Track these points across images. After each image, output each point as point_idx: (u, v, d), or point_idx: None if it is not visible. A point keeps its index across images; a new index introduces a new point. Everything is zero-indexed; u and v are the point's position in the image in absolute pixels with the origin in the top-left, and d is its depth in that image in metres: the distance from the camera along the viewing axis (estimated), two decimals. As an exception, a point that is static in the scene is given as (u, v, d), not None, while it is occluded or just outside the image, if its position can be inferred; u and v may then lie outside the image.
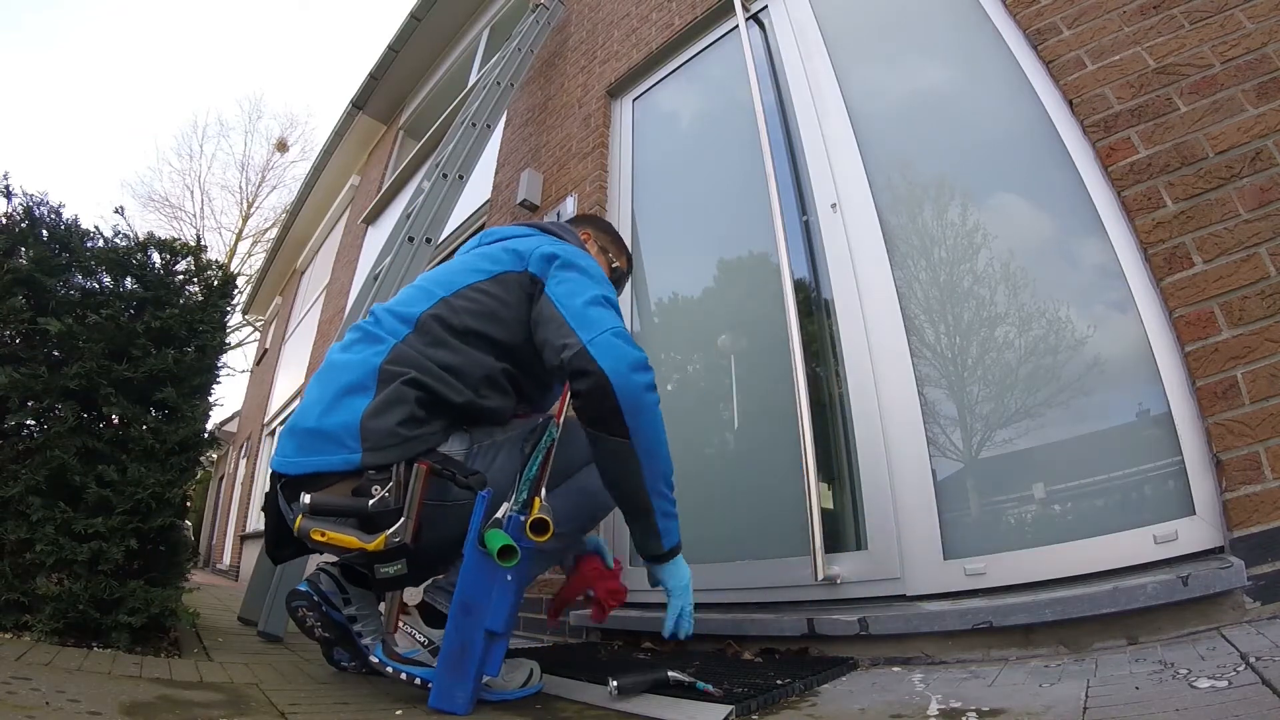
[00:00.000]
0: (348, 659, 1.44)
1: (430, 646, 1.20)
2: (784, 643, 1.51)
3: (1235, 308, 1.21)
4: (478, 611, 1.07)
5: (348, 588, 1.39)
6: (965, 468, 1.60)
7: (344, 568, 1.41)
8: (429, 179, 2.93)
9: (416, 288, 1.34)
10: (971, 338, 1.68)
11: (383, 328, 1.26)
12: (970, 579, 1.41)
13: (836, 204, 1.97)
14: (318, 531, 1.04)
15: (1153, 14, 1.51)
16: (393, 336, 1.22)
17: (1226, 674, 0.85)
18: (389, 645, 1.22)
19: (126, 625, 1.53)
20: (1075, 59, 1.59)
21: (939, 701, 1.00)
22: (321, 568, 1.40)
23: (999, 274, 1.67)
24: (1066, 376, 1.48)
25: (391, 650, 1.21)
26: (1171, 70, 1.44)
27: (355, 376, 1.18)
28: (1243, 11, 1.40)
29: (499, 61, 3.66)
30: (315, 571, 1.40)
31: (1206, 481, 1.20)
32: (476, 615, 1.08)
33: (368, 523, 1.06)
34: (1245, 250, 1.23)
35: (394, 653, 1.20)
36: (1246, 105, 1.32)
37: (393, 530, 1.05)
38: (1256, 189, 1.25)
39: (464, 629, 1.07)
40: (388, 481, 1.08)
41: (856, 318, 1.80)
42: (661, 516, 1.22)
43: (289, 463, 1.17)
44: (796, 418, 1.66)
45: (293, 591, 1.36)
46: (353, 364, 1.20)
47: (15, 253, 1.66)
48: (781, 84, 2.40)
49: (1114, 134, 1.47)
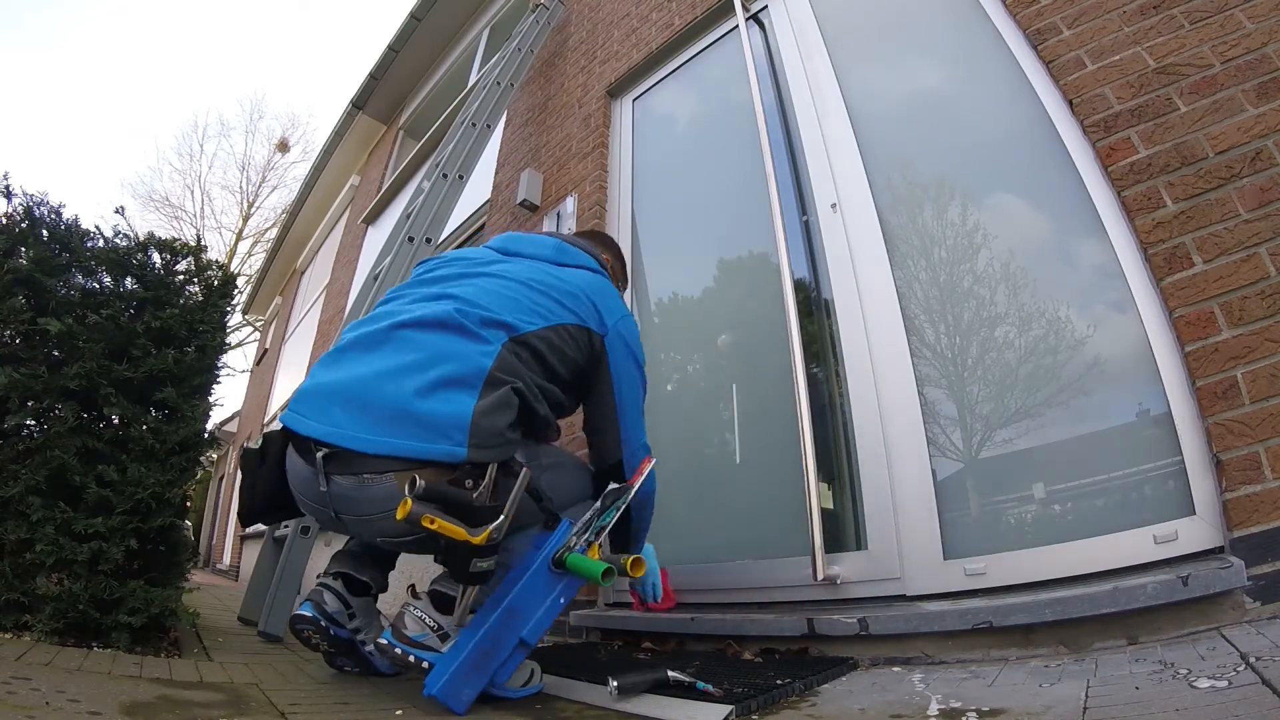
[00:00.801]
0: (350, 664, 1.44)
1: (439, 631, 1.22)
2: (784, 643, 1.51)
3: (1235, 308, 1.21)
4: (521, 620, 1.14)
5: (351, 602, 1.41)
6: (965, 468, 1.60)
7: (346, 579, 1.42)
8: (429, 179, 2.93)
9: (500, 294, 1.33)
10: (971, 338, 1.68)
11: (470, 320, 1.24)
12: (970, 579, 1.41)
13: (836, 204, 1.97)
14: (429, 518, 1.03)
15: (1153, 14, 1.51)
16: (495, 341, 1.24)
17: (1226, 674, 0.85)
18: (399, 628, 1.23)
19: (126, 625, 1.53)
20: (1075, 59, 1.59)
21: (939, 701, 1.00)
22: (324, 584, 1.40)
23: (999, 274, 1.67)
24: (1066, 376, 1.48)
25: (401, 633, 1.22)
26: (1171, 70, 1.44)
27: (459, 371, 1.17)
28: (1243, 11, 1.40)
29: (499, 61, 3.66)
30: (316, 590, 1.40)
31: (1207, 481, 1.20)
32: (519, 622, 1.14)
33: (470, 516, 1.08)
34: (1245, 250, 1.23)
35: (403, 635, 1.22)
36: (1246, 105, 1.32)
37: (494, 527, 1.09)
38: (1256, 189, 1.25)
39: (503, 632, 1.13)
40: (481, 479, 1.12)
41: (856, 318, 1.80)
42: (638, 538, 1.60)
43: (353, 437, 1.12)
44: (796, 418, 1.66)
45: (297, 616, 1.36)
46: (454, 355, 1.19)
47: (15, 253, 1.66)
48: (781, 84, 2.40)
49: (1114, 134, 1.47)
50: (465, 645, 1.11)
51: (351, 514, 1.19)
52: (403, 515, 1.01)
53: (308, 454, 1.18)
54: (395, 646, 1.20)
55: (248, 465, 1.32)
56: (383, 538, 1.25)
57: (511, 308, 1.31)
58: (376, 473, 1.12)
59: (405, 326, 1.24)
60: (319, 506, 1.22)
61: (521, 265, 1.44)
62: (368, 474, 1.13)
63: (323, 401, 1.18)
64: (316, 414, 1.17)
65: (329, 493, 1.17)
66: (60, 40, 34.80)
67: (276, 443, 1.29)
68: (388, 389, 1.15)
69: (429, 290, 1.35)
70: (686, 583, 1.91)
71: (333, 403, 1.17)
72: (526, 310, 1.32)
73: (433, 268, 1.47)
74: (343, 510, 1.19)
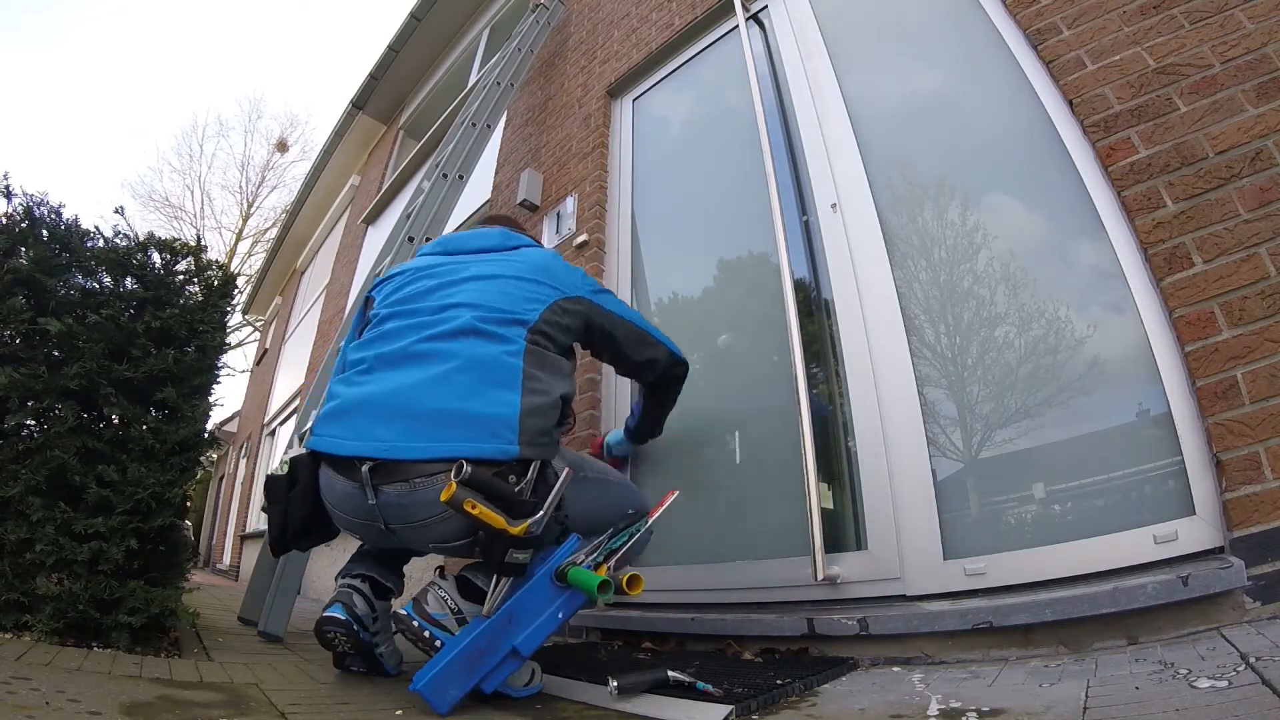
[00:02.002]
0: (360, 665, 1.45)
1: (458, 615, 1.24)
2: (784, 643, 1.51)
3: (1235, 308, 1.21)
4: (517, 628, 1.15)
5: (376, 606, 1.43)
6: (965, 468, 1.60)
7: (373, 584, 1.43)
8: (429, 179, 2.93)
9: (501, 292, 1.34)
10: (971, 338, 1.68)
11: (490, 323, 1.27)
12: (970, 579, 1.41)
13: (836, 204, 1.97)
14: (470, 503, 1.05)
15: (1153, 14, 1.51)
16: (517, 339, 1.27)
17: (1226, 674, 0.85)
18: (420, 603, 1.25)
19: (126, 625, 1.53)
20: (1075, 59, 1.59)
21: (939, 701, 1.00)
22: (352, 587, 1.41)
23: (999, 274, 1.67)
24: (1066, 376, 1.48)
25: (422, 607, 1.24)
26: (1171, 70, 1.44)
27: (496, 373, 1.21)
28: (1243, 11, 1.40)
29: (499, 61, 3.66)
30: (345, 591, 1.40)
31: (1207, 481, 1.20)
32: (515, 630, 1.14)
33: (511, 508, 1.10)
34: (1246, 250, 1.23)
35: (424, 611, 1.24)
36: (1246, 105, 1.32)
37: (533, 521, 1.11)
38: (1256, 189, 1.25)
39: (498, 637, 1.13)
40: (524, 475, 1.17)
41: (856, 318, 1.80)
42: (653, 428, 1.92)
43: (404, 448, 1.15)
44: (797, 417, 1.66)
45: (327, 618, 1.37)
46: (486, 358, 1.22)
47: (15, 253, 1.66)
48: (781, 84, 2.40)
49: (1114, 134, 1.47)
50: (460, 643, 1.12)
51: (403, 522, 1.20)
52: (446, 497, 1.03)
53: (348, 470, 1.20)
54: (413, 619, 1.22)
55: (276, 492, 1.32)
56: (436, 543, 1.26)
57: (514, 302, 1.33)
58: (427, 475, 1.14)
59: (431, 340, 1.26)
60: (366, 521, 1.23)
61: (493, 262, 1.44)
62: (418, 478, 1.15)
63: (360, 420, 1.20)
64: (355, 434, 1.19)
65: (378, 505, 1.18)
66: (60, 40, 34.80)
67: (307, 466, 1.30)
68: (432, 396, 1.18)
69: (430, 304, 1.35)
70: (687, 583, 1.91)
71: (373, 420, 1.19)
72: (526, 300, 1.34)
73: (406, 283, 1.43)
74: (393, 520, 1.20)
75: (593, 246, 2.79)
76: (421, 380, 1.20)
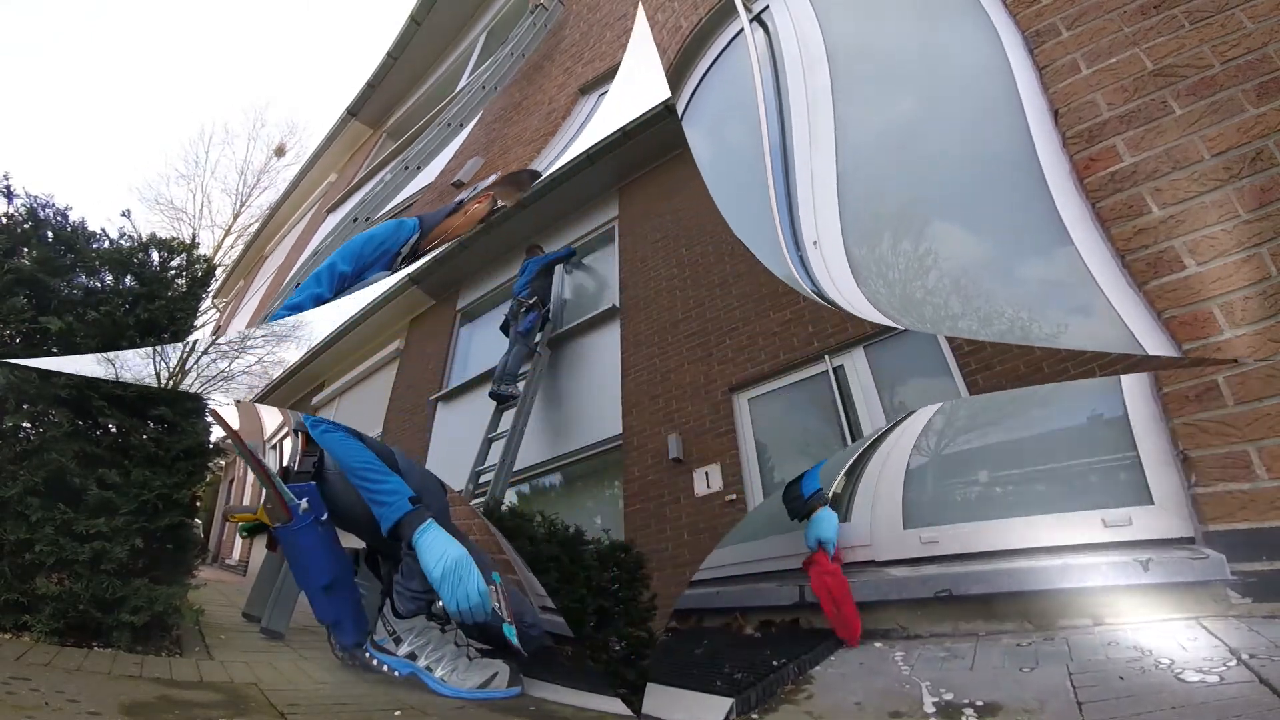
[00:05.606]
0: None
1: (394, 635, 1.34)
2: (779, 613, 1.59)
3: (1236, 308, 1.21)
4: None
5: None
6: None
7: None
8: (392, 171, 2.97)
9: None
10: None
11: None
12: (925, 547, 1.46)
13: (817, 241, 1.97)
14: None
15: (1153, 14, 1.51)
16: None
17: (1216, 669, 0.84)
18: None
19: (128, 624, 1.53)
20: (1070, 63, 1.58)
21: (929, 691, 1.01)
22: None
23: (949, 286, 1.68)
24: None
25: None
26: (1169, 72, 1.43)
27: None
28: (1243, 11, 1.39)
29: (490, 65, 3.65)
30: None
31: (1169, 474, 1.20)
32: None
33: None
34: (1245, 250, 1.23)
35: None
36: (1246, 105, 1.31)
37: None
38: (1257, 189, 1.25)
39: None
40: None
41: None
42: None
43: None
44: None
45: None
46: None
47: (16, 253, 1.67)
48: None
49: (1097, 143, 1.46)
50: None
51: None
52: None
53: None
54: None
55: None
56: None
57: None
58: None
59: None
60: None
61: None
62: None
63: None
64: None
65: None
66: (61, 43, 34.85)
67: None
68: None
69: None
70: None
71: None
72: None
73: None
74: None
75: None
76: None
